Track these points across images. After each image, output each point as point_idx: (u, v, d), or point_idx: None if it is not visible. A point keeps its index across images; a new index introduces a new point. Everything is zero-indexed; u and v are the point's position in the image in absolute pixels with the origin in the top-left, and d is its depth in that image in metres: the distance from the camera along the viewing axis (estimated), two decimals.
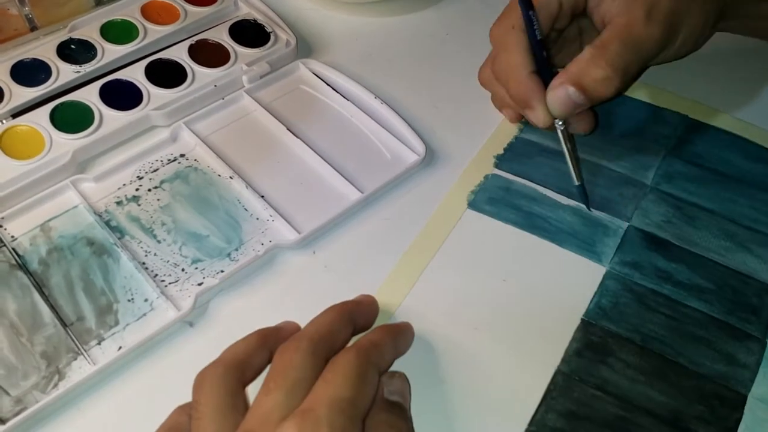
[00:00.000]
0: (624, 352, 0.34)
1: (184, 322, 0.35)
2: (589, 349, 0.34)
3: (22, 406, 0.31)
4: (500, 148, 0.42)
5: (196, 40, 0.46)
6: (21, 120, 0.41)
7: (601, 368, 0.34)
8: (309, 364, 0.27)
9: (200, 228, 0.38)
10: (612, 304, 0.36)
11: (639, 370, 0.34)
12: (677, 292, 0.36)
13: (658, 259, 0.38)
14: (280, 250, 0.38)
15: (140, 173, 0.40)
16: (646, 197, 0.40)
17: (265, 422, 0.26)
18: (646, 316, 0.35)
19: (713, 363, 0.34)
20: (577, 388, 0.33)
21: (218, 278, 0.35)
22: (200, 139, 0.42)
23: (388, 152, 0.42)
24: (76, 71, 0.44)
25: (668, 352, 0.34)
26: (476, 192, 0.40)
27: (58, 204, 0.39)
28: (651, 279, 0.37)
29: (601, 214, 0.39)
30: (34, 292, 0.35)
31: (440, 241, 0.38)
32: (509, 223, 0.39)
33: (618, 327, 0.35)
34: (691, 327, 0.35)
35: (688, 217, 0.39)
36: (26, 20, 0.46)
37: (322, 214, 0.38)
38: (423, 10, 0.52)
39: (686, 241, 0.38)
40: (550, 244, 0.38)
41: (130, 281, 0.36)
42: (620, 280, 0.37)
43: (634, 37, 0.35)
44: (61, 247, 0.37)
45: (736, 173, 0.42)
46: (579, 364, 0.34)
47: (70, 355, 0.33)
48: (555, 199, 0.40)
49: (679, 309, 0.36)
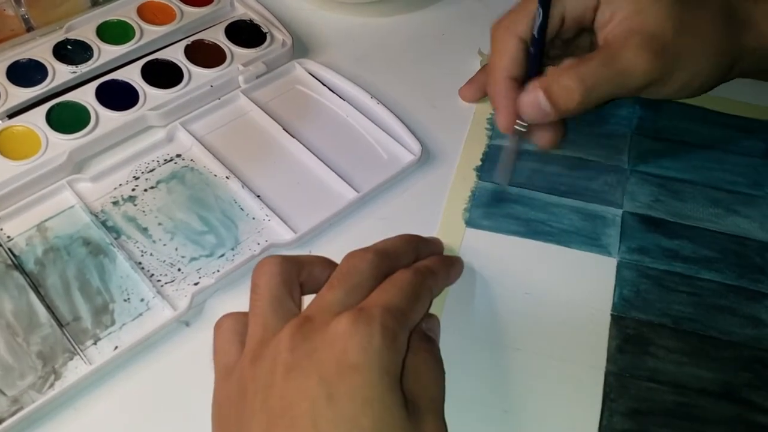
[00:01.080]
0: (661, 338, 0.35)
1: (180, 321, 0.35)
2: (629, 343, 0.35)
3: (18, 406, 0.31)
4: (477, 159, 0.42)
5: (192, 41, 0.46)
6: (17, 120, 0.41)
7: (647, 359, 0.34)
8: (371, 273, 0.30)
9: (196, 228, 0.38)
10: (634, 293, 0.36)
11: (680, 352, 0.34)
12: (688, 267, 0.37)
13: (660, 238, 0.38)
14: (277, 250, 0.38)
15: (136, 173, 0.40)
16: (629, 181, 0.41)
17: (324, 312, 0.28)
18: (669, 297, 0.36)
19: (741, 329, 0.35)
20: (631, 385, 0.33)
21: (214, 278, 0.36)
22: (196, 139, 0.42)
23: (384, 152, 0.42)
24: (72, 72, 0.44)
25: (699, 328, 0.35)
26: (469, 209, 0.40)
27: (55, 204, 0.39)
28: (661, 260, 0.38)
29: (594, 206, 0.40)
30: (30, 292, 0.35)
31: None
32: (511, 234, 0.39)
33: (647, 314, 0.36)
34: (712, 298, 0.36)
35: (673, 192, 0.41)
36: (22, 21, 0.46)
37: (318, 213, 0.38)
38: (419, 10, 0.52)
39: (679, 216, 0.39)
40: (557, 246, 0.38)
41: (126, 281, 0.36)
42: (634, 268, 0.37)
43: (616, 61, 0.35)
44: (57, 248, 0.37)
45: (699, 141, 0.43)
46: (625, 360, 0.34)
47: (66, 355, 0.33)
48: (547, 201, 0.40)
49: (695, 283, 0.37)
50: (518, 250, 0.38)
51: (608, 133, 0.43)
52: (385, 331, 0.27)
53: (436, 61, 0.48)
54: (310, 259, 0.32)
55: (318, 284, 0.31)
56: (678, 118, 0.44)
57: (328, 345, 0.26)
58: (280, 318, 0.29)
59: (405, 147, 0.42)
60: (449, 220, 0.39)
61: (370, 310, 0.27)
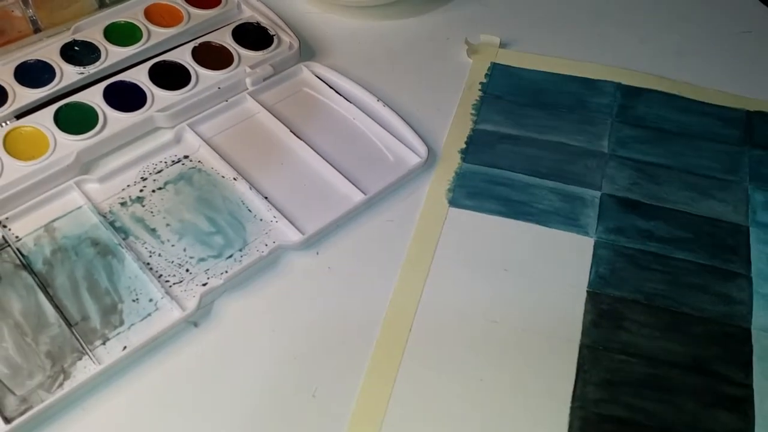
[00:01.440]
0: (634, 313, 0.36)
1: (188, 322, 0.35)
2: (603, 318, 0.36)
3: (27, 405, 0.31)
4: (461, 142, 0.43)
5: (199, 43, 0.47)
6: (25, 121, 0.42)
7: (619, 333, 0.35)
8: None
9: (204, 229, 0.38)
10: (609, 271, 0.38)
11: (652, 327, 0.36)
12: (662, 247, 0.39)
13: (637, 220, 0.40)
14: (284, 251, 0.38)
15: (144, 174, 0.40)
16: (608, 165, 0.43)
17: None
18: (643, 275, 0.38)
19: (713, 306, 0.36)
20: (604, 357, 0.35)
21: (223, 279, 0.36)
22: (204, 140, 0.42)
23: (390, 154, 0.42)
24: (79, 73, 0.44)
25: (672, 305, 0.36)
26: (453, 189, 0.41)
27: (63, 204, 0.39)
28: (636, 240, 0.39)
29: (574, 188, 0.41)
30: (38, 292, 0.35)
31: (433, 245, 0.39)
32: (493, 213, 0.40)
33: (621, 291, 0.37)
34: (684, 277, 0.38)
35: (650, 176, 0.42)
36: (30, 22, 0.46)
37: (326, 215, 0.38)
38: (424, 14, 0.52)
39: (655, 198, 0.41)
40: (537, 226, 0.40)
41: (134, 281, 0.36)
42: (610, 247, 0.39)
43: None
44: (65, 248, 0.37)
45: (677, 128, 0.45)
46: (598, 334, 0.35)
47: (75, 355, 0.33)
48: (528, 182, 0.42)
49: (669, 262, 0.38)
50: (499, 229, 0.39)
51: (590, 120, 0.45)
52: None
53: (441, 64, 0.48)
54: None
55: None
56: (657, 106, 0.46)
57: None
58: None
59: (411, 149, 0.42)
60: (433, 199, 0.40)
61: None
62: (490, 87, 0.47)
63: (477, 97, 0.46)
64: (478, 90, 0.46)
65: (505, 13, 0.52)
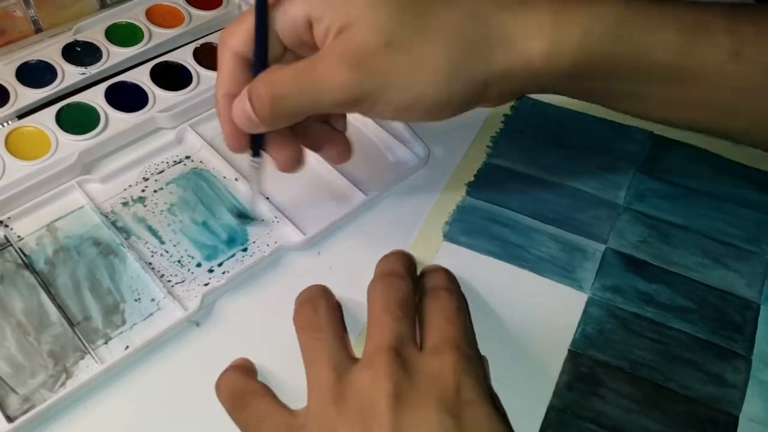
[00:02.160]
0: (614, 381, 0.34)
1: (190, 321, 0.35)
2: (580, 381, 0.34)
3: (30, 405, 0.32)
4: (470, 175, 0.42)
5: (200, 44, 0.47)
6: (27, 121, 0.42)
7: (594, 400, 0.33)
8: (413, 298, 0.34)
9: (206, 229, 0.38)
10: (597, 332, 0.35)
11: (631, 398, 0.33)
12: (660, 314, 0.36)
13: (638, 281, 0.37)
14: (286, 251, 0.38)
15: (146, 174, 0.41)
16: (620, 217, 0.40)
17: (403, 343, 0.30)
18: (633, 341, 0.35)
19: (703, 385, 0.34)
20: (571, 424, 0.32)
21: (224, 279, 0.36)
22: (205, 141, 0.42)
23: (390, 155, 0.43)
24: (81, 73, 0.45)
25: (658, 378, 0.34)
26: (450, 223, 0.39)
27: (64, 204, 0.39)
28: (633, 302, 0.36)
29: (578, 238, 0.39)
30: (40, 291, 0.35)
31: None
32: (487, 254, 0.38)
33: (606, 355, 0.34)
34: (678, 349, 0.35)
35: (663, 235, 0.39)
36: (31, 22, 0.47)
37: (327, 215, 0.39)
38: None
39: (664, 261, 0.38)
40: (529, 273, 0.38)
41: (136, 281, 0.36)
42: (603, 306, 0.36)
43: (311, 71, 0.30)
44: (67, 247, 0.37)
45: (705, 188, 0.41)
46: (571, 397, 0.33)
47: (78, 354, 0.33)
48: (530, 226, 0.39)
49: (664, 332, 0.35)
50: (490, 270, 0.38)
51: (611, 167, 0.42)
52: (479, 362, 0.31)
53: None
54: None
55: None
56: (688, 160, 0.43)
57: (433, 381, 0.29)
58: (345, 357, 0.31)
59: (412, 151, 0.42)
60: (428, 230, 0.39)
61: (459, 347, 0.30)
62: (513, 120, 0.45)
63: (498, 129, 0.44)
64: (500, 122, 0.44)
65: None
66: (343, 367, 0.30)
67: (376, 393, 0.28)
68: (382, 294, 0.33)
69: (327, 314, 0.33)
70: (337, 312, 0.34)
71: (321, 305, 0.33)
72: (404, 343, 0.30)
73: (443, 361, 0.29)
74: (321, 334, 0.32)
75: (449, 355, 0.30)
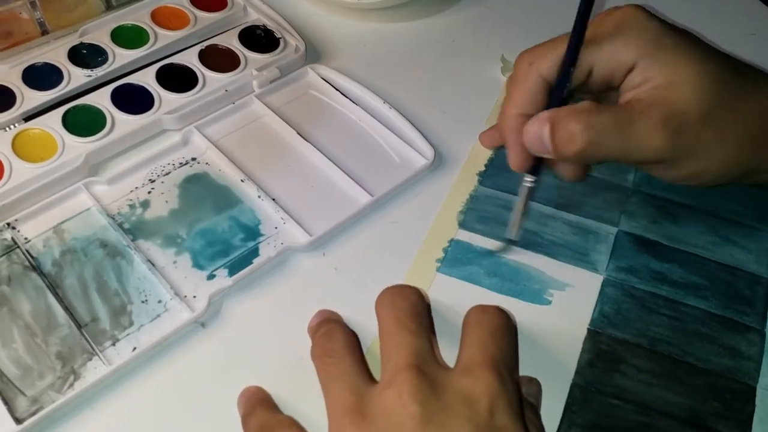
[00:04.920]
0: (634, 357, 0.35)
1: (196, 322, 0.35)
2: (601, 359, 0.34)
3: (38, 406, 0.32)
4: (481, 164, 0.43)
5: (206, 46, 0.47)
6: (33, 123, 0.42)
7: (615, 376, 0.34)
8: (426, 311, 0.33)
9: (213, 230, 0.38)
10: (615, 311, 0.36)
11: (651, 373, 0.34)
12: (674, 291, 0.37)
13: (651, 261, 0.38)
14: (293, 253, 0.38)
15: (152, 176, 0.41)
16: (629, 200, 0.41)
17: (426, 362, 0.29)
18: (649, 318, 0.36)
19: (719, 358, 0.35)
20: (595, 400, 0.33)
21: (232, 280, 0.36)
22: (211, 142, 0.42)
23: (396, 156, 0.43)
24: (87, 75, 0.45)
25: (676, 353, 0.35)
26: (465, 212, 0.40)
27: (71, 206, 0.39)
28: (647, 282, 0.37)
29: (590, 222, 0.40)
30: (48, 293, 0.35)
31: (433, 265, 0.38)
32: (502, 240, 0.39)
33: (624, 333, 0.35)
34: (693, 325, 0.36)
35: (672, 215, 0.40)
36: (37, 24, 0.47)
37: (333, 216, 0.39)
38: (431, 16, 0.52)
39: (674, 240, 0.39)
40: (544, 257, 0.38)
41: (143, 282, 0.36)
42: (619, 287, 0.37)
43: (631, 126, 0.32)
44: (74, 249, 0.37)
45: None
46: (593, 374, 0.34)
47: (85, 356, 0.33)
48: (543, 212, 0.40)
49: (679, 308, 0.36)
50: (507, 255, 0.38)
51: None
52: (514, 386, 0.28)
53: (447, 67, 0.49)
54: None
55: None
56: None
57: (464, 402, 0.27)
58: (363, 380, 0.29)
59: (418, 151, 0.42)
60: (444, 219, 0.40)
61: (496, 367, 0.28)
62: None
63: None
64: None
65: (512, 15, 0.52)
66: (363, 389, 0.29)
67: (400, 415, 0.27)
68: (391, 305, 0.32)
69: (342, 340, 0.32)
70: (352, 338, 0.32)
71: (336, 332, 0.32)
72: (426, 359, 0.29)
73: (477, 380, 0.28)
74: (336, 359, 0.31)
75: (485, 375, 0.28)
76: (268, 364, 0.34)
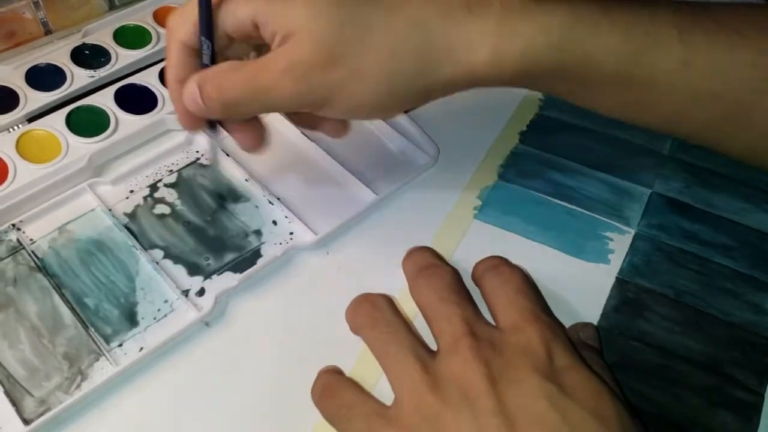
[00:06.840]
0: (659, 305, 0.36)
1: (201, 322, 0.35)
2: (626, 305, 0.36)
3: (45, 407, 0.32)
4: (523, 124, 0.45)
5: None
6: (37, 124, 0.42)
7: (639, 322, 0.36)
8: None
9: (217, 230, 0.38)
10: (644, 262, 0.38)
11: (674, 321, 0.36)
12: (703, 249, 0.39)
13: (683, 221, 0.40)
14: (298, 252, 0.38)
15: (157, 176, 0.41)
16: (665, 166, 0.43)
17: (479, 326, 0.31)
18: (677, 272, 0.38)
19: (742, 312, 0.36)
20: (618, 342, 0.35)
21: (237, 279, 0.36)
22: (216, 142, 0.42)
23: (400, 155, 0.43)
24: (90, 76, 0.45)
25: (700, 304, 0.37)
26: (505, 166, 0.42)
27: (76, 207, 0.39)
28: (678, 239, 0.39)
29: (625, 182, 0.42)
30: (54, 294, 0.35)
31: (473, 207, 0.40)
32: (538, 191, 0.41)
33: (651, 283, 0.37)
34: (720, 281, 0.37)
35: (705, 181, 0.42)
36: (41, 24, 0.47)
37: (338, 215, 0.39)
38: None
39: (707, 204, 0.41)
40: (578, 209, 0.40)
41: (149, 283, 0.36)
42: (649, 241, 0.39)
43: (258, 81, 0.31)
44: (79, 250, 0.37)
45: None
46: (618, 319, 0.36)
47: (92, 357, 0.33)
48: (580, 171, 0.42)
49: (707, 264, 0.38)
50: (541, 206, 0.41)
51: None
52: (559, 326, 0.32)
53: None
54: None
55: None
56: None
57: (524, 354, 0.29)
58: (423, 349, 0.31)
59: (422, 150, 0.42)
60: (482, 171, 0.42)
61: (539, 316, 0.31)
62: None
63: (526, 124, 0.45)
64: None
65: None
66: (427, 358, 0.30)
67: (471, 376, 0.28)
68: (429, 286, 0.33)
69: (390, 308, 0.33)
70: (395, 306, 0.34)
71: (379, 300, 0.33)
72: (477, 325, 0.31)
73: (529, 333, 0.30)
74: (391, 328, 0.32)
75: (533, 327, 0.30)
76: (274, 362, 0.34)
